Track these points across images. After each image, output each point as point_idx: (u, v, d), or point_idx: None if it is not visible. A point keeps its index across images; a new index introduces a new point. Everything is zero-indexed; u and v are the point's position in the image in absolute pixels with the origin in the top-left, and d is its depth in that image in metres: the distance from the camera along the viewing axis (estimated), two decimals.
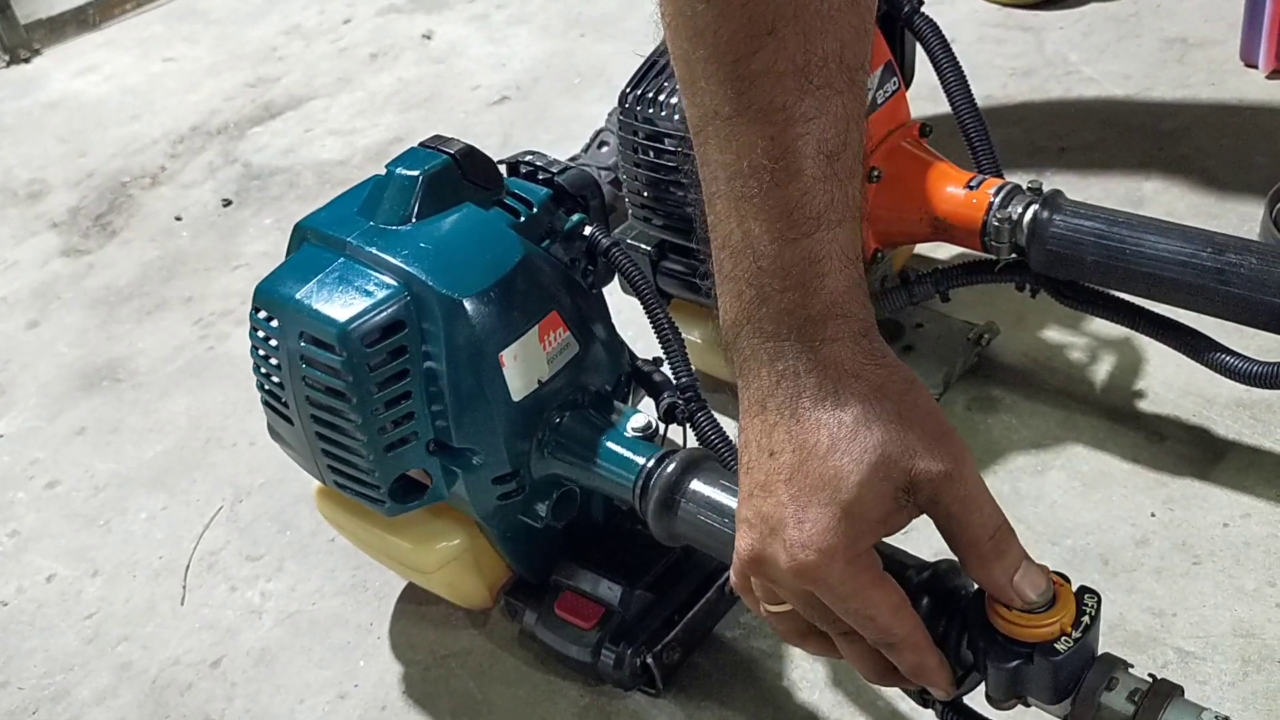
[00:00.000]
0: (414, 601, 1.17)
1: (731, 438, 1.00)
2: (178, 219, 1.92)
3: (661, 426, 1.01)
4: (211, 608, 1.23)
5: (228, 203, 1.93)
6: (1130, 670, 0.72)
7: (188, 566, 1.28)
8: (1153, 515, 1.09)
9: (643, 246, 1.26)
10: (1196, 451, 1.14)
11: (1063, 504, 1.12)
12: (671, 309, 1.28)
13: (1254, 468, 1.11)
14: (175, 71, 2.42)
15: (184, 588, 1.26)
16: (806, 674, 1.03)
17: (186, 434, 1.47)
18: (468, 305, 0.91)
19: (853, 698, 1.00)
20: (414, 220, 0.96)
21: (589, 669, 1.02)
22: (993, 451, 1.19)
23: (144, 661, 1.18)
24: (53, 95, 2.42)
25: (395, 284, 0.91)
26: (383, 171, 0.98)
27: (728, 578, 1.06)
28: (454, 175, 0.98)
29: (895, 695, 0.97)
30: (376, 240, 0.94)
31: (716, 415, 1.02)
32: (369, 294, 0.91)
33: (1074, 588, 0.73)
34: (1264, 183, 1.38)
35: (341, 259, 0.94)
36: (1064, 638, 0.71)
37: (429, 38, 2.33)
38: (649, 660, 1.01)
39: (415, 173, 0.96)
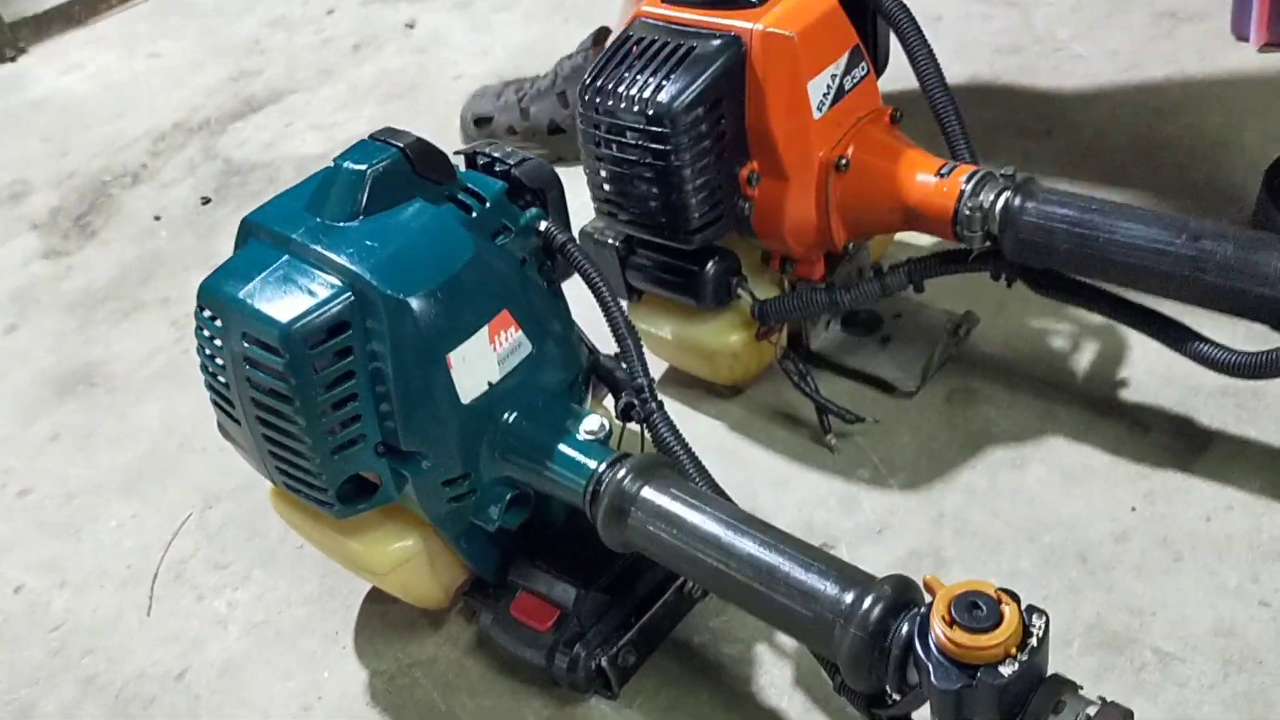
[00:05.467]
0: (380, 606, 1.15)
1: (688, 441, 0.97)
2: (157, 218, 1.90)
3: (617, 428, 0.98)
4: (178, 618, 1.21)
5: (207, 200, 1.91)
6: (1079, 693, 0.69)
7: (155, 576, 1.26)
8: (1133, 510, 1.06)
9: (610, 242, 1.23)
10: (1180, 442, 1.11)
11: (1042, 499, 1.09)
12: (642, 305, 1.26)
13: (1238, 458, 1.08)
14: (159, 68, 2.40)
15: (151, 598, 1.24)
16: (775, 679, 1.00)
17: (160, 439, 1.45)
18: (414, 305, 0.88)
19: (820, 704, 0.97)
20: (361, 216, 0.93)
21: (544, 672, 1.00)
22: (972, 445, 1.16)
23: (109, 674, 1.16)
24: (38, 94, 2.40)
25: (339, 283, 0.89)
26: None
27: (686, 579, 1.04)
28: (403, 169, 0.95)
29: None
30: (322, 237, 0.92)
31: (677, 415, 0.99)
32: (312, 294, 0.88)
33: (1022, 607, 0.70)
34: (1255, 160, 1.34)
35: (286, 256, 0.91)
36: (1009, 659, 0.68)
37: (412, 27, 2.30)
38: (604, 663, 0.98)
39: (363, 167, 0.93)
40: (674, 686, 1.02)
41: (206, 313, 0.94)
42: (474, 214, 0.96)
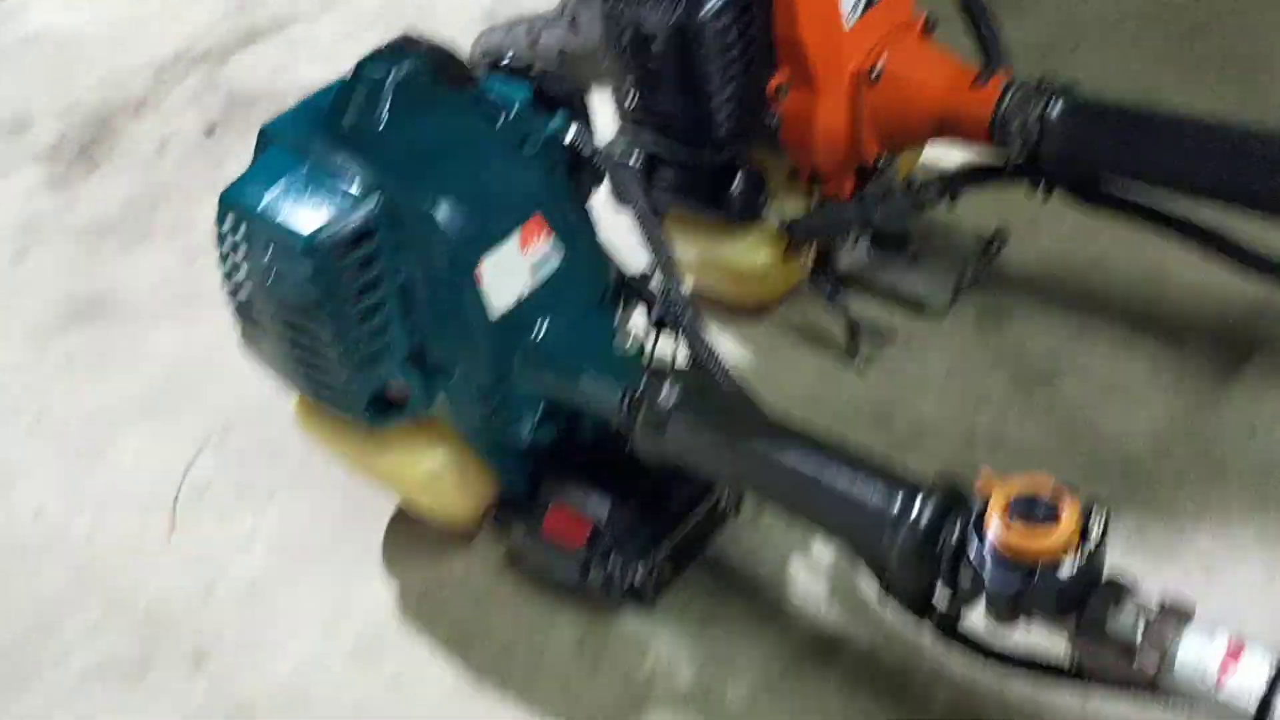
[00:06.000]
0: (407, 527, 1.14)
1: (722, 353, 0.95)
2: (162, 148, 1.86)
3: (650, 341, 0.97)
4: (201, 540, 1.20)
5: (211, 130, 1.87)
6: (1141, 589, 0.68)
7: (176, 499, 1.25)
8: (1173, 421, 1.04)
9: (630, 163, 1.20)
10: (1218, 355, 1.09)
11: (1079, 415, 1.08)
12: (666, 224, 1.23)
13: (1278, 370, 1.06)
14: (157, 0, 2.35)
15: (173, 520, 1.22)
16: (811, 592, 1.00)
17: (174, 365, 1.43)
18: (439, 213, 0.86)
19: (855, 614, 0.97)
20: (384, 124, 0.90)
21: (578, 587, 0.99)
22: (1004, 363, 1.14)
23: (133, 595, 1.15)
24: (34, 29, 2.35)
25: (364, 191, 0.86)
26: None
27: (720, 494, 1.03)
28: (425, 76, 0.92)
29: (890, 610, 0.93)
30: (344, 145, 0.89)
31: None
32: (336, 201, 0.86)
33: (1081, 502, 0.68)
34: None
35: (308, 165, 0.89)
36: (1067, 559, 0.66)
37: None
38: (638, 576, 0.97)
39: (384, 74, 0.91)
40: (709, 598, 1.01)
41: (228, 224, 0.91)
42: (498, 122, 0.93)
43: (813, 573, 1.01)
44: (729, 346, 1.25)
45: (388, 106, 0.90)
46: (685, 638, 0.98)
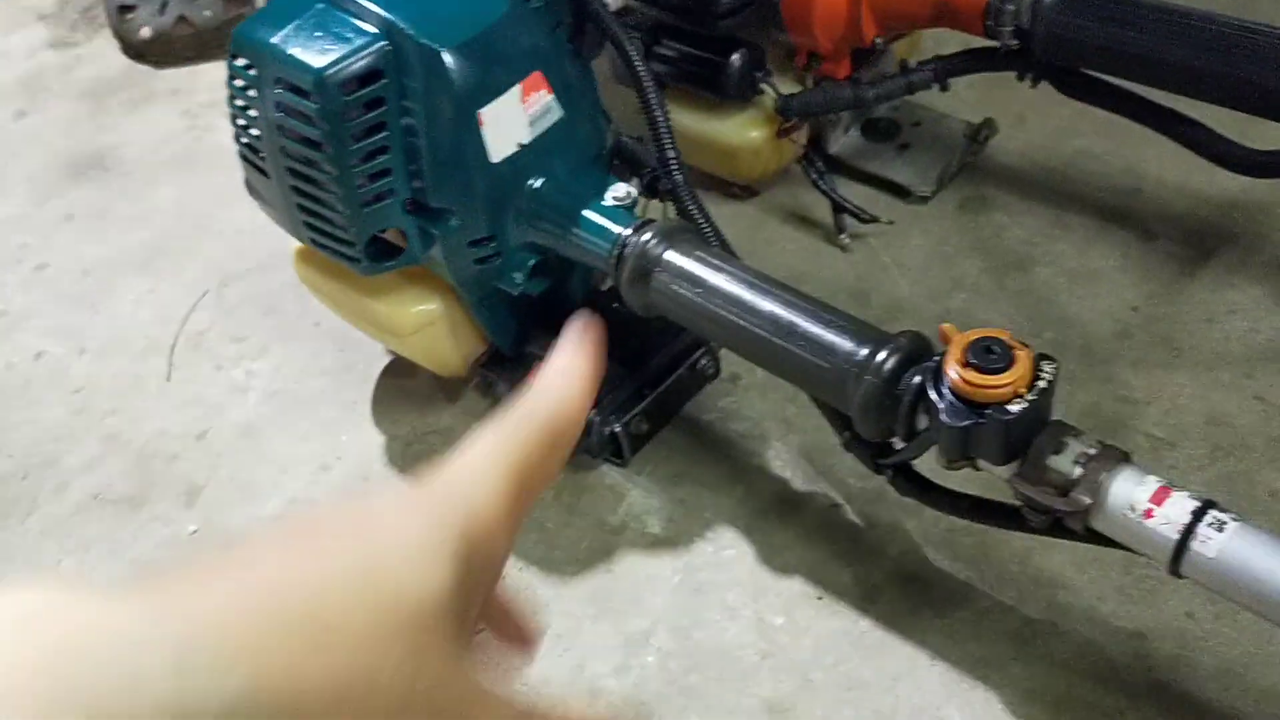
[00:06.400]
0: (397, 380, 1.18)
1: (711, 213, 0.99)
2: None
3: (642, 199, 1.00)
4: (197, 385, 1.24)
5: None
6: (1081, 437, 0.73)
7: (174, 346, 1.29)
8: (1135, 310, 1.08)
9: (634, 32, 1.22)
10: (1186, 250, 1.13)
11: (1047, 299, 1.12)
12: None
13: (1242, 266, 1.10)
14: None
15: (170, 365, 1.27)
16: (780, 453, 1.04)
17: (174, 221, 1.46)
18: (447, 57, 0.89)
19: (823, 473, 1.01)
20: None
21: None
22: (982, 249, 1.18)
23: (131, 433, 1.20)
24: None
25: (374, 31, 0.89)
26: None
27: (701, 353, 1.07)
28: None
29: (855, 471, 0.97)
30: None
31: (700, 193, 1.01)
32: (347, 40, 0.89)
33: (1034, 353, 0.73)
34: None
35: (321, 4, 0.91)
36: (1017, 399, 0.71)
37: None
38: (616, 430, 1.02)
39: None
40: (682, 457, 1.06)
41: (239, 60, 0.94)
42: None
43: (782, 435, 1.05)
44: (720, 224, 1.27)
45: None
46: (657, 491, 1.03)
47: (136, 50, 1.76)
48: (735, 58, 1.17)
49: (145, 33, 1.74)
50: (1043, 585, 0.91)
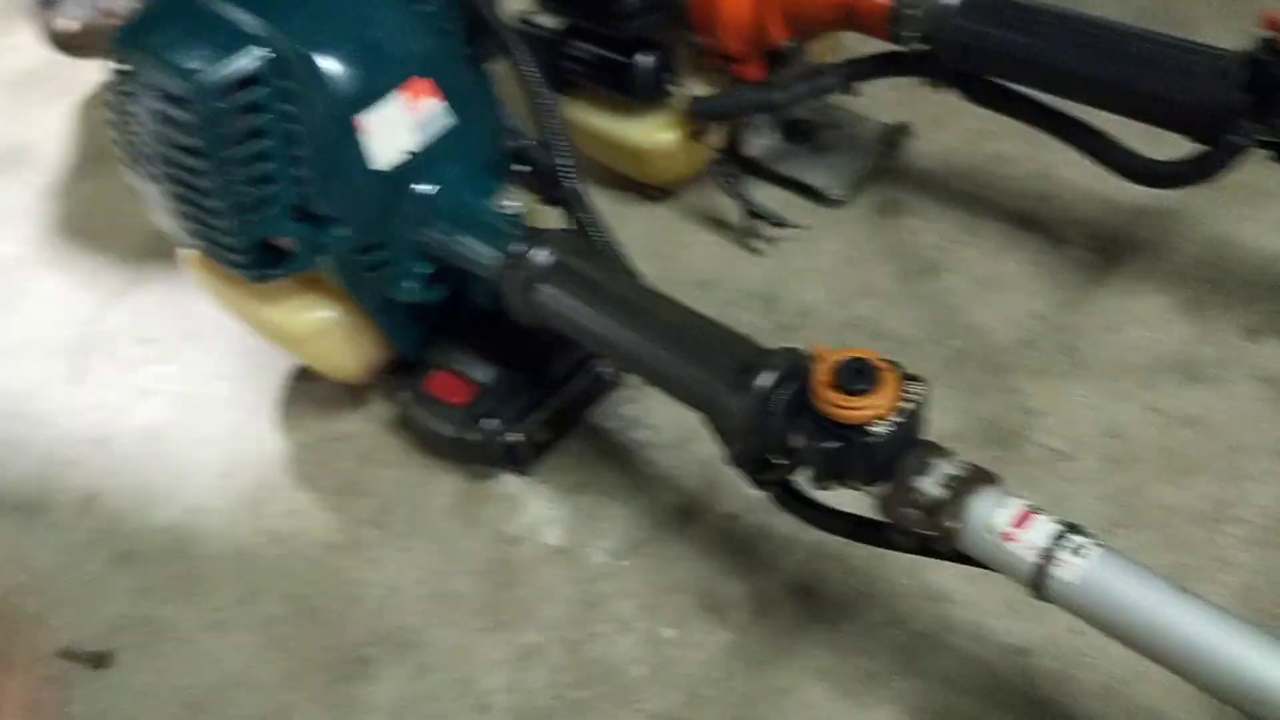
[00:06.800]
0: (304, 385, 1.17)
1: (607, 223, 0.97)
2: None
3: (536, 210, 0.98)
4: (103, 388, 1.22)
5: None
6: (953, 458, 0.72)
7: (83, 349, 1.26)
8: (1042, 318, 1.08)
9: (543, 33, 1.21)
10: (1095, 257, 1.12)
11: (954, 306, 1.11)
12: (575, 100, 1.24)
13: (1149, 275, 1.10)
14: None
15: (78, 369, 1.24)
16: (680, 462, 1.03)
17: (90, 218, 1.44)
18: (322, 62, 0.87)
19: (723, 483, 1.01)
20: None
21: (458, 445, 1.02)
22: (893, 254, 1.17)
23: (33, 437, 1.18)
24: None
25: (254, 36, 0.87)
26: None
27: (601, 363, 1.06)
28: None
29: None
30: None
31: (607, 215, 0.99)
32: (224, 47, 0.87)
33: (901, 374, 0.72)
34: None
35: (200, 10, 0.89)
36: (880, 422, 0.70)
37: None
38: (517, 438, 1.01)
39: None
40: (582, 466, 1.05)
41: (120, 65, 0.92)
42: None
43: (683, 444, 1.04)
44: (630, 226, 1.26)
45: None
46: (557, 501, 1.02)
47: (60, 42, 1.73)
48: (642, 59, 1.15)
49: (69, 25, 1.71)
50: (933, 599, 0.91)
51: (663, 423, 1.07)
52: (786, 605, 0.93)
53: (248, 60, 0.86)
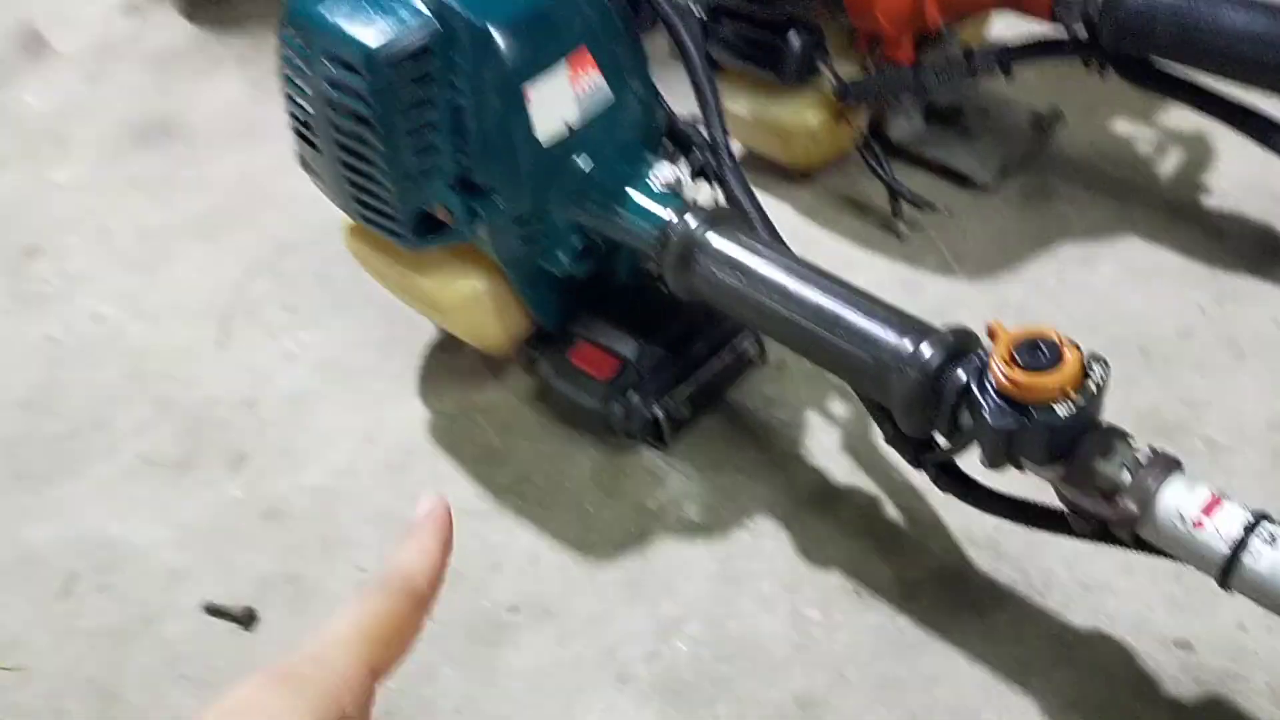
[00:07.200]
0: (444, 355, 1.18)
1: (760, 200, 0.97)
2: None
3: (690, 183, 0.98)
4: (249, 352, 1.25)
5: None
6: (1131, 441, 0.70)
7: (228, 314, 1.30)
8: (1201, 309, 1.05)
9: (694, 9, 1.20)
10: (1255, 249, 1.09)
11: (1109, 295, 1.08)
12: (722, 80, 1.23)
13: None
14: None
15: (224, 333, 1.28)
16: (822, 443, 1.02)
17: (235, 190, 1.47)
18: (495, 33, 0.88)
19: (865, 466, 1.00)
20: None
21: (599, 417, 1.03)
22: (1043, 241, 1.15)
23: (182, 397, 1.21)
24: None
25: (425, 9, 0.88)
26: None
27: (744, 338, 1.05)
28: None
29: (899, 465, 0.95)
30: None
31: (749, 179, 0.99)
32: (398, 18, 0.88)
33: (1084, 351, 0.70)
34: None
35: None
36: (1064, 400, 0.68)
37: None
38: (658, 412, 1.01)
39: None
40: (722, 442, 1.04)
41: (292, 34, 0.94)
42: None
43: (826, 425, 1.03)
44: (772, 209, 1.25)
45: None
46: (697, 477, 1.02)
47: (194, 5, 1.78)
48: (793, 39, 1.14)
49: None
50: (1090, 590, 0.89)
51: (803, 403, 1.06)
52: (934, 591, 0.92)
53: (421, 32, 0.87)
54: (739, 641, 0.91)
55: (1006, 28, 1.27)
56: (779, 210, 1.26)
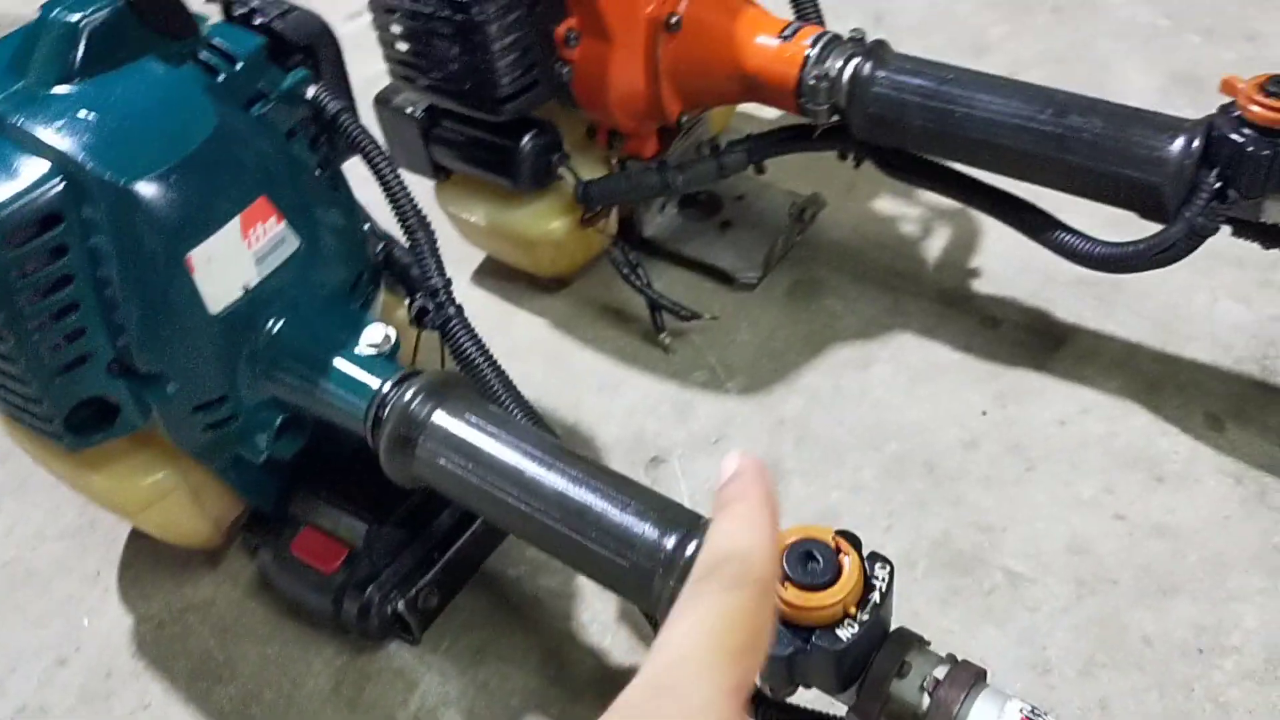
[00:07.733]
0: (150, 541, 1.00)
1: (491, 353, 0.83)
2: None
3: (410, 336, 0.84)
4: None
5: None
6: (927, 649, 0.60)
7: None
8: (984, 414, 0.97)
9: (410, 111, 1.06)
10: (1033, 338, 1.02)
11: (887, 402, 1.00)
12: (452, 185, 1.10)
13: (1094, 355, 1.00)
14: None
15: None
16: (597, 614, 0.90)
17: None
18: (140, 192, 0.71)
19: (647, 640, 0.87)
20: (75, 80, 0.75)
21: (333, 618, 0.87)
22: (815, 343, 1.06)
23: None
24: None
25: (46, 165, 0.71)
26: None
27: None
28: (128, 21, 0.76)
29: None
30: (24, 107, 0.73)
31: (494, 311, 0.86)
32: (13, 179, 0.71)
33: (863, 556, 0.60)
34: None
35: None
36: (848, 620, 0.58)
37: None
38: (401, 607, 0.86)
39: (75, 18, 0.74)
40: (484, 627, 0.90)
41: None
42: (221, 76, 0.78)
43: (600, 592, 0.91)
44: (521, 324, 1.13)
45: (80, 57, 0.74)
46: (455, 674, 0.88)
47: None
48: (526, 141, 1.02)
49: None
50: None
51: (573, 571, 0.93)
52: None
53: (43, 195, 0.70)
54: None
55: (758, 108, 1.18)
56: (531, 325, 1.13)
